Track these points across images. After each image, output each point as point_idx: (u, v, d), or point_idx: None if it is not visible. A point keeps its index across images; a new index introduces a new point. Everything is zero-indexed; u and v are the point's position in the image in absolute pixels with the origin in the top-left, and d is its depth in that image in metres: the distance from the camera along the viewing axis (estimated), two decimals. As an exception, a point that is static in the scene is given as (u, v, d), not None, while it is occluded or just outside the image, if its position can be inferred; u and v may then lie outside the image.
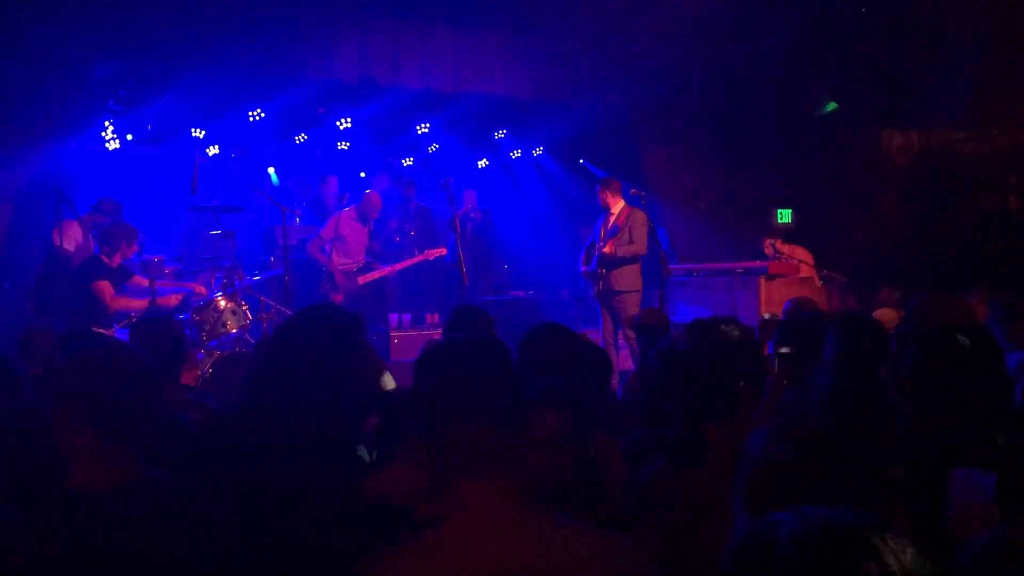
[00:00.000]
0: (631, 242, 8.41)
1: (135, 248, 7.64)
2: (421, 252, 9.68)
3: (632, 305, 8.28)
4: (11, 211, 8.49)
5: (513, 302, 10.75)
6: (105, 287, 7.09)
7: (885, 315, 5.76)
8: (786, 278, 8.82)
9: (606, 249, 8.45)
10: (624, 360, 8.69)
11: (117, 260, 7.35)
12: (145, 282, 7.44)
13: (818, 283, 9.48)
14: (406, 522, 2.15)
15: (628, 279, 8.43)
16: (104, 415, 2.10)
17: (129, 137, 9.50)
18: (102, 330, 6.01)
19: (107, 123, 9.24)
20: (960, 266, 9.95)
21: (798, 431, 1.73)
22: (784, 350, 3.42)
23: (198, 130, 10.02)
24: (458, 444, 1.70)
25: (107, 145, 9.29)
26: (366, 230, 9.58)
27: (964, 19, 9.77)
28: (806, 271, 9.45)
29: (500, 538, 1.63)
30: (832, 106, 11.43)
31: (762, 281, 8.65)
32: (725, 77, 10.80)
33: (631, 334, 8.12)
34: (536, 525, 1.68)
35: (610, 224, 8.58)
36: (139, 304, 7.21)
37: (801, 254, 9.79)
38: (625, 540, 1.73)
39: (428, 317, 10.17)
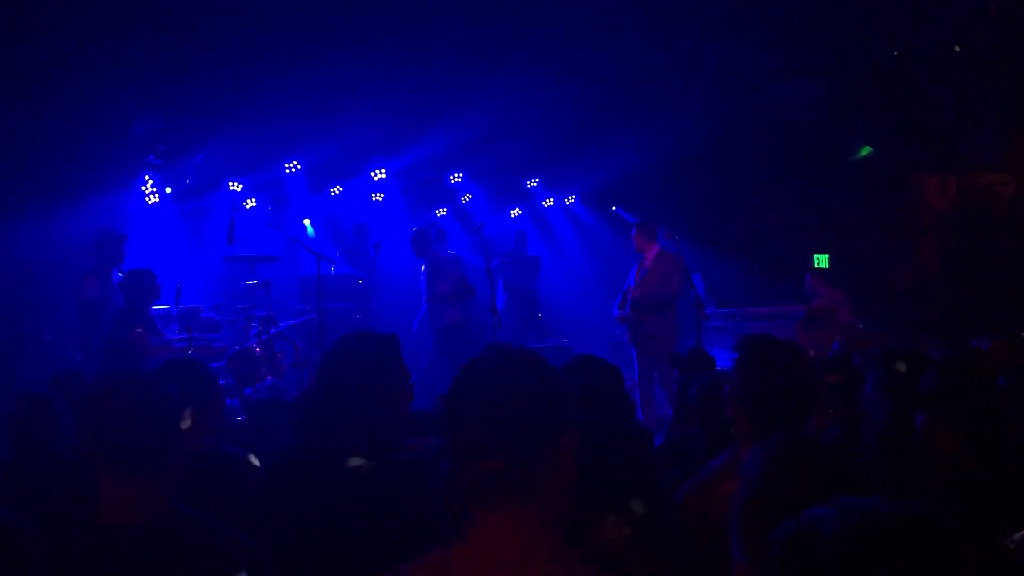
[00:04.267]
0: (664, 286, 8.36)
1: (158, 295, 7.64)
2: (453, 300, 9.48)
3: (667, 350, 8.19)
4: (54, 264, 8.63)
5: (550, 349, 10.69)
6: (142, 336, 7.12)
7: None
8: (824, 322, 8.72)
9: (637, 293, 8.41)
10: (661, 405, 8.58)
11: (148, 308, 7.38)
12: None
13: (858, 327, 9.34)
14: None
15: (662, 324, 8.34)
16: (120, 450, 2.10)
17: (168, 190, 9.68)
18: None
19: (147, 177, 9.42)
20: (1002, 309, 9.76)
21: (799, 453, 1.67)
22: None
23: (235, 184, 10.19)
24: (471, 473, 1.63)
25: (147, 199, 9.46)
26: (422, 272, 9.54)
27: (998, 61, 9.72)
28: (844, 315, 9.33)
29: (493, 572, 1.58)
30: (866, 150, 11.38)
31: (800, 325, 8.55)
32: (760, 122, 10.82)
33: (668, 379, 8.03)
34: (538, 567, 1.59)
35: (644, 269, 8.55)
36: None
37: (838, 298, 9.68)
38: None
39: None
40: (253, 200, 10.60)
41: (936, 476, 2.41)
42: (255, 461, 3.03)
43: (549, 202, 13.02)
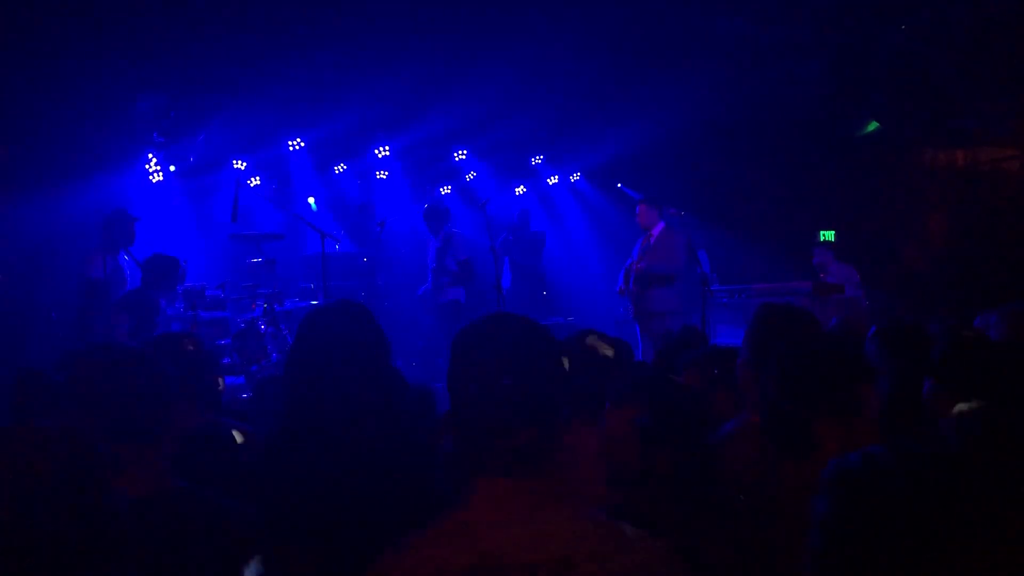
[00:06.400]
0: (668, 260, 8.34)
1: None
2: (456, 278, 9.52)
3: (671, 326, 8.17)
4: (58, 244, 8.64)
5: (554, 327, 10.68)
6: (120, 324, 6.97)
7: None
8: (831, 297, 8.68)
9: (641, 265, 8.39)
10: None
11: (158, 294, 7.27)
12: None
13: (863, 303, 9.32)
14: None
15: (666, 300, 8.33)
16: (114, 424, 2.10)
17: (172, 168, 9.66)
18: None
19: (151, 155, 9.40)
20: (1009, 284, 9.72)
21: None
22: None
23: (239, 162, 10.17)
24: (482, 446, 1.67)
25: (151, 177, 9.44)
26: (431, 246, 9.60)
27: (1007, 34, 9.62)
28: (851, 291, 9.29)
29: (506, 530, 1.61)
30: (873, 125, 11.30)
31: (807, 302, 8.50)
32: (766, 98, 10.73)
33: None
34: (541, 520, 1.64)
35: (649, 245, 8.53)
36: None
37: (848, 273, 9.64)
38: (645, 533, 1.70)
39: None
40: (257, 178, 10.58)
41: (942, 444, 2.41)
42: (239, 438, 3.04)
43: (554, 179, 12.97)
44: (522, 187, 13.04)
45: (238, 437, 3.04)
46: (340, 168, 11.38)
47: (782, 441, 2.23)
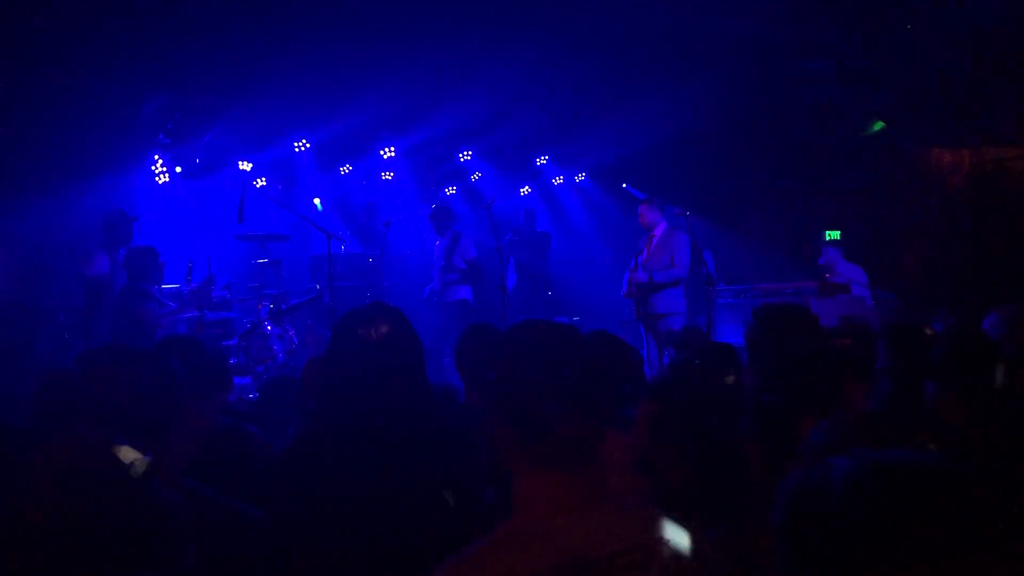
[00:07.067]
0: (672, 264, 8.32)
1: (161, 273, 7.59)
2: (468, 279, 9.58)
3: (675, 327, 8.17)
4: (65, 245, 8.66)
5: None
6: (149, 310, 7.09)
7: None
8: (837, 297, 8.67)
9: (643, 273, 8.35)
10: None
11: (151, 286, 7.33)
12: None
13: (868, 304, 9.29)
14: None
15: (670, 301, 8.31)
16: (122, 424, 2.10)
17: (178, 170, 9.68)
18: None
19: (157, 157, 9.42)
20: (1015, 284, 9.70)
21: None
22: None
23: (245, 162, 10.19)
24: (536, 439, 1.67)
25: (157, 179, 9.47)
26: (439, 245, 9.64)
27: (1012, 34, 9.60)
28: (857, 291, 9.28)
29: (576, 525, 1.62)
30: (879, 125, 11.28)
31: (812, 301, 8.50)
32: (772, 98, 10.73)
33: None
34: (600, 513, 1.66)
35: (652, 246, 8.51)
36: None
37: (855, 273, 9.62)
38: (691, 525, 1.73)
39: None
40: (263, 179, 10.60)
41: (944, 445, 2.41)
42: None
43: (559, 180, 12.98)
44: (527, 187, 13.06)
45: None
46: (346, 169, 11.40)
47: (769, 440, 2.24)
